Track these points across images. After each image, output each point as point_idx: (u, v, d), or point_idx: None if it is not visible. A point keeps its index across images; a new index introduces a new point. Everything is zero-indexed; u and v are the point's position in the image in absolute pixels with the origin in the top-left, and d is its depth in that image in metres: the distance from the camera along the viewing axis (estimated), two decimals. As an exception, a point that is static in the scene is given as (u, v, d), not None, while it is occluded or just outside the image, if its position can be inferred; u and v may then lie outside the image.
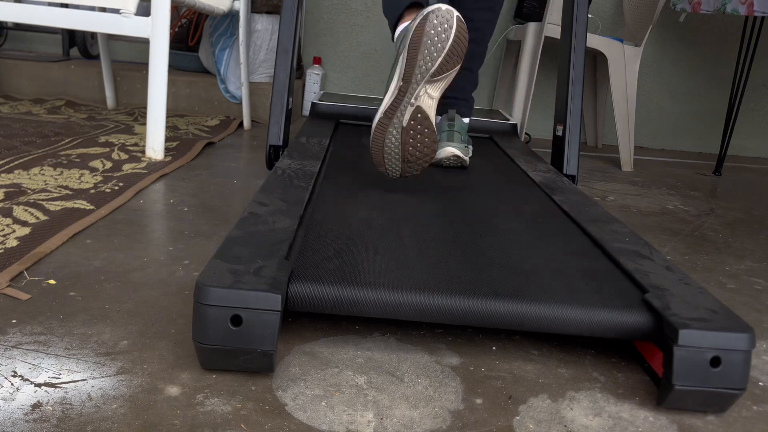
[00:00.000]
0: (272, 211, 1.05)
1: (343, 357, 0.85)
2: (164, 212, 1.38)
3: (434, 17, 1.15)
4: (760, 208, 2.03)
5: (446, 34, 1.15)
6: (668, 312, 0.82)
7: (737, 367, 0.78)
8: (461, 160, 1.60)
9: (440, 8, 1.14)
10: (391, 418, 0.73)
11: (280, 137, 1.64)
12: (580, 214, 1.25)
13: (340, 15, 2.98)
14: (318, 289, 0.83)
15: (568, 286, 0.92)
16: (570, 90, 1.73)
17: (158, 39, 1.74)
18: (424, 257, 0.97)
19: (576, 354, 0.92)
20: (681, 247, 1.51)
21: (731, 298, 1.22)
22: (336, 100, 2.19)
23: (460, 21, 1.15)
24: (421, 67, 1.18)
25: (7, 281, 0.96)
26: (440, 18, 1.15)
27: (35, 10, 1.75)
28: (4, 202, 1.30)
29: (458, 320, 0.84)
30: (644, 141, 3.09)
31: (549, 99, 3.01)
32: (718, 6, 2.27)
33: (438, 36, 1.15)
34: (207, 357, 0.77)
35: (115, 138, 2.00)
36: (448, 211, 1.23)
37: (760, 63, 2.92)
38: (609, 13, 2.93)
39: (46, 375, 0.75)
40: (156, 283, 1.02)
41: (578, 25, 1.74)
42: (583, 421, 0.77)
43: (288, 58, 1.66)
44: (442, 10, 1.14)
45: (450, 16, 1.14)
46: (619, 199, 1.95)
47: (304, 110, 2.90)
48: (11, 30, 3.11)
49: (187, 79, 2.65)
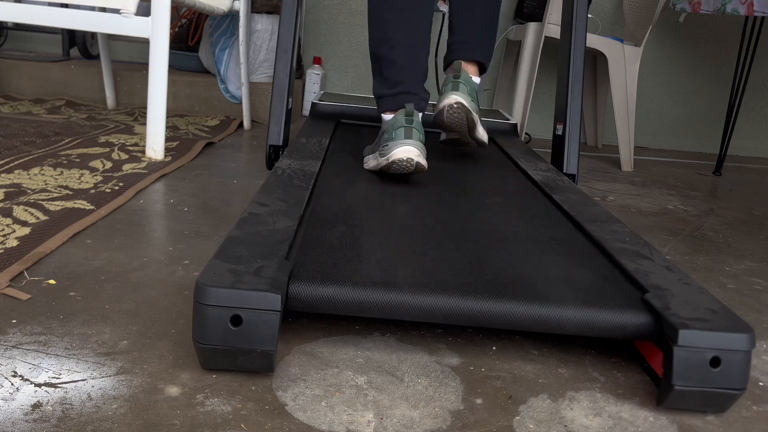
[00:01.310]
0: (272, 211, 1.05)
1: (343, 357, 0.85)
2: (164, 212, 1.38)
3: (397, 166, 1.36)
4: (760, 208, 2.03)
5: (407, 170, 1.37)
6: (668, 312, 0.82)
7: (737, 367, 0.78)
8: (465, 109, 1.41)
9: (402, 160, 1.34)
10: (391, 418, 0.73)
11: (280, 137, 1.64)
12: (580, 214, 1.25)
13: (340, 15, 2.98)
14: (318, 289, 0.83)
15: (568, 286, 0.92)
16: (570, 90, 1.73)
17: (158, 39, 1.74)
18: (423, 257, 0.97)
19: (576, 354, 0.92)
20: (681, 247, 1.51)
21: (731, 298, 1.22)
22: (336, 100, 2.19)
23: (420, 165, 1.36)
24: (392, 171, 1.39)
25: (7, 281, 0.96)
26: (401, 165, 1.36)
27: (35, 10, 1.75)
28: (4, 202, 1.30)
29: (458, 320, 0.84)
30: (644, 141, 3.09)
31: (549, 99, 3.01)
32: (718, 6, 2.27)
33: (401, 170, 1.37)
34: (207, 357, 0.77)
35: (115, 138, 2.00)
36: (448, 211, 1.23)
37: (760, 63, 2.92)
38: (609, 13, 2.93)
39: (46, 375, 0.75)
40: (156, 283, 1.02)
41: (578, 25, 1.74)
42: (583, 421, 0.77)
43: (288, 58, 1.66)
44: (403, 161, 1.34)
45: (410, 164, 1.35)
46: (619, 199, 1.95)
47: (304, 110, 2.90)
48: (11, 30, 3.11)
49: (187, 79, 2.65)
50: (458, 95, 1.43)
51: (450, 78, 1.47)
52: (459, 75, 1.46)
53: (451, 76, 1.47)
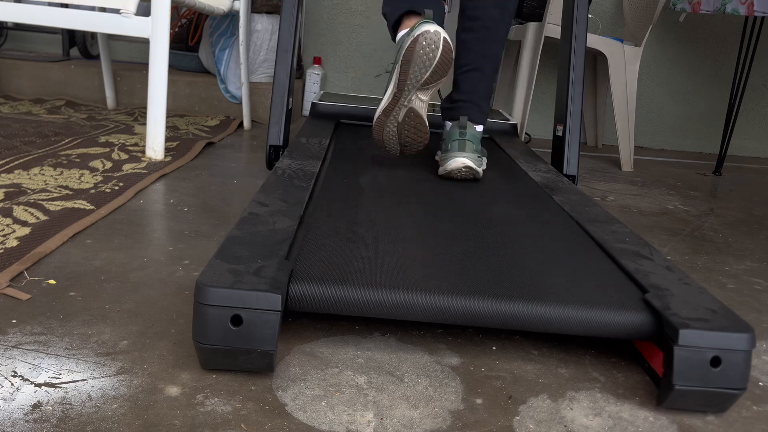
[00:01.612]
0: (272, 211, 1.05)
1: (343, 357, 0.85)
2: (164, 212, 1.38)
3: (423, 39, 1.30)
4: (760, 208, 2.03)
5: (433, 53, 1.30)
6: (668, 312, 0.82)
7: (737, 367, 0.78)
8: (473, 171, 1.47)
9: (428, 31, 1.29)
10: (391, 418, 0.73)
11: (280, 137, 1.64)
12: (580, 214, 1.25)
13: (340, 15, 2.98)
14: (318, 289, 0.83)
15: (568, 286, 0.91)
16: (570, 90, 1.73)
17: (158, 39, 1.74)
18: (424, 257, 0.97)
19: (576, 354, 0.92)
20: (681, 247, 1.51)
21: (731, 298, 1.22)
22: (336, 100, 2.19)
23: (447, 42, 1.30)
24: (411, 80, 1.36)
25: (7, 281, 0.96)
26: (428, 40, 1.30)
27: (35, 10, 1.75)
28: (4, 202, 1.30)
29: (458, 320, 0.84)
30: (644, 141, 3.09)
31: (549, 99, 3.01)
32: (718, 6, 2.27)
33: (426, 55, 1.31)
34: (207, 357, 0.77)
35: (115, 138, 2.00)
36: (448, 211, 1.23)
37: (760, 63, 2.92)
38: (609, 13, 2.93)
39: (46, 375, 0.75)
40: (156, 283, 1.02)
41: (578, 25, 1.74)
42: (583, 421, 0.77)
43: (288, 58, 1.66)
44: (431, 32, 1.29)
45: (437, 38, 1.29)
46: (619, 199, 1.95)
47: (304, 110, 2.90)
48: (11, 30, 3.11)
49: (187, 79, 2.65)
50: (465, 158, 1.48)
51: (456, 134, 1.52)
52: (465, 132, 1.51)
53: (457, 132, 1.52)
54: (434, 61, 1.31)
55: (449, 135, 1.54)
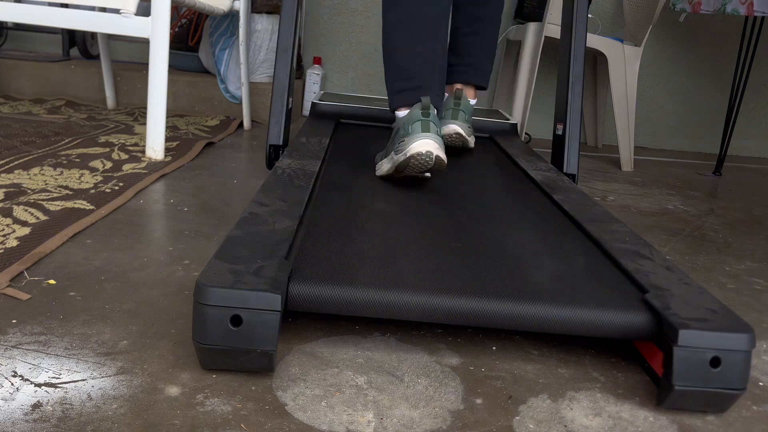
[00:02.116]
0: (272, 211, 1.05)
1: (343, 357, 0.85)
2: (164, 212, 1.38)
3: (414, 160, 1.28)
4: (760, 208, 2.03)
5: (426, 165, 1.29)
6: (668, 312, 0.82)
7: (737, 367, 0.78)
8: (463, 138, 1.51)
9: (420, 153, 1.27)
10: (391, 418, 0.73)
11: (280, 137, 1.64)
12: (580, 214, 1.25)
13: (340, 15, 2.98)
14: (318, 289, 0.83)
15: (568, 286, 0.91)
16: (570, 90, 1.73)
17: (158, 39, 1.74)
18: (423, 257, 0.97)
19: (576, 354, 0.92)
20: (681, 247, 1.51)
21: (731, 298, 1.22)
22: (336, 100, 2.19)
23: (439, 158, 1.28)
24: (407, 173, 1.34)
25: (7, 281, 0.96)
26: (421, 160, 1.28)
27: (35, 10, 1.75)
28: (4, 202, 1.30)
29: (458, 320, 0.84)
30: (644, 141, 3.09)
31: (549, 99, 3.01)
32: (718, 6, 2.27)
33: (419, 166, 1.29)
34: (207, 357, 0.77)
35: (115, 138, 2.00)
36: (447, 211, 1.23)
37: (760, 63, 2.92)
38: (609, 13, 2.93)
39: (46, 375, 0.75)
40: (156, 283, 1.02)
41: (578, 25, 1.74)
42: (583, 421, 0.77)
43: (288, 58, 1.66)
44: (423, 154, 1.27)
45: (429, 158, 1.27)
46: (619, 199, 1.95)
47: (304, 110, 2.90)
48: (11, 30, 3.11)
49: (187, 79, 2.65)
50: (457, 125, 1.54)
51: (451, 104, 1.56)
52: (460, 102, 1.55)
53: (452, 102, 1.55)
54: (428, 167, 1.31)
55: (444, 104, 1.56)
